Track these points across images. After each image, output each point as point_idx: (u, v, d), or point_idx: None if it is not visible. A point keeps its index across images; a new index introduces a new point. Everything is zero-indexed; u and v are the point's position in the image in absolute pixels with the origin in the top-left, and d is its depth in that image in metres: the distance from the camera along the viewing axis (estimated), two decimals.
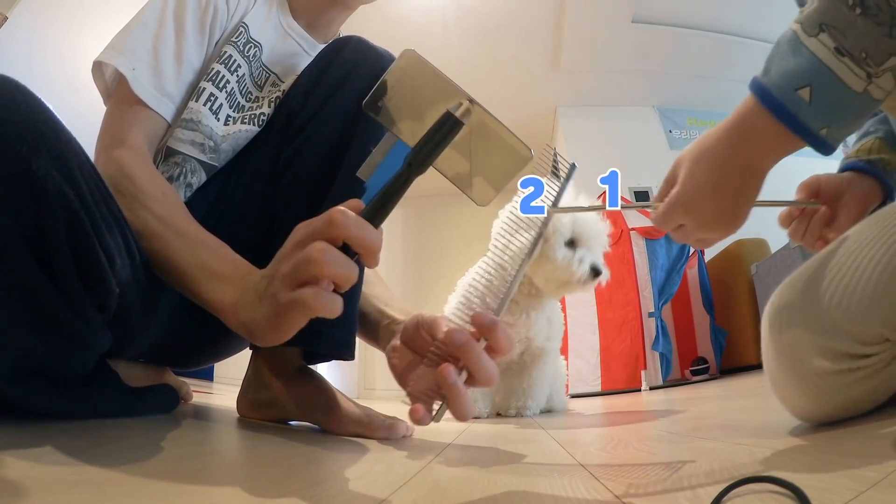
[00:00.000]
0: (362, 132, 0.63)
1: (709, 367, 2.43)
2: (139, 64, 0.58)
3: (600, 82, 3.68)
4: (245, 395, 0.71)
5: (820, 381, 0.44)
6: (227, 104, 0.66)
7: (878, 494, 0.26)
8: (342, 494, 0.33)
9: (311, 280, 0.33)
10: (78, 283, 0.37)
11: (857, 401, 0.45)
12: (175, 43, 0.61)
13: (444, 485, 0.36)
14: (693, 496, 0.30)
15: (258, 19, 0.69)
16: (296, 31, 0.74)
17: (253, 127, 0.68)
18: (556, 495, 0.33)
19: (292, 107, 0.67)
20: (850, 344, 0.43)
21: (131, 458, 0.36)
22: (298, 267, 0.34)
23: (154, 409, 0.61)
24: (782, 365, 0.47)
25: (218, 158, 0.65)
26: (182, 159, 0.63)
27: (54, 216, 0.34)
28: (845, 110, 0.41)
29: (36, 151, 0.33)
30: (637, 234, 2.45)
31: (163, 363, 0.78)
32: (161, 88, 0.60)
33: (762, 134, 0.43)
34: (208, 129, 0.64)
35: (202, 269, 0.45)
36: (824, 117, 0.40)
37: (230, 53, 0.66)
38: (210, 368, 2.73)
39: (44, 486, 0.27)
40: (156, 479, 0.31)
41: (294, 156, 0.65)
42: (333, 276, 0.33)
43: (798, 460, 0.37)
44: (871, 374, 0.44)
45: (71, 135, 0.38)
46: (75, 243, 0.36)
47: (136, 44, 0.59)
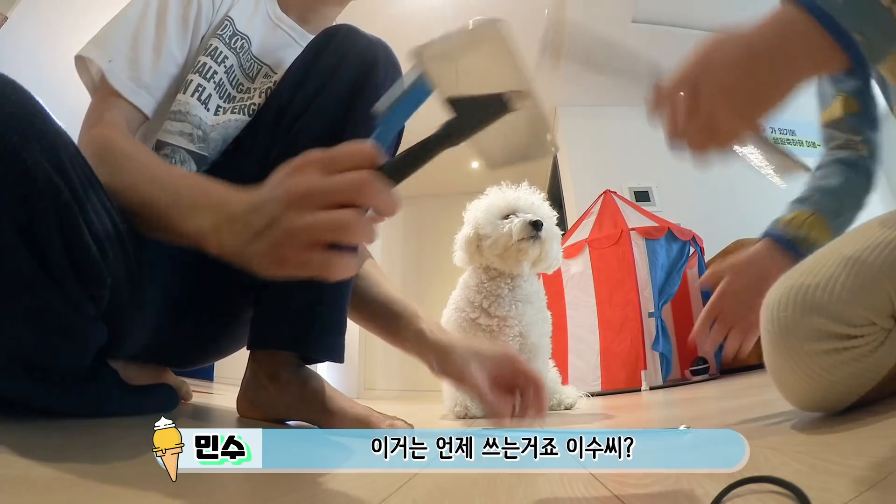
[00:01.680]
0: (354, 125, 0.62)
1: (709, 367, 2.42)
2: (116, 56, 0.58)
3: (600, 82, 3.67)
4: (245, 396, 0.71)
5: (811, 361, 0.47)
6: (217, 94, 0.67)
7: (878, 494, 0.26)
8: (342, 494, 0.33)
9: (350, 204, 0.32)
10: (70, 273, 0.37)
11: (848, 383, 0.47)
12: (155, 36, 0.61)
13: (444, 485, 0.36)
14: (693, 496, 0.30)
15: (245, 12, 0.70)
16: (285, 23, 0.74)
17: (243, 116, 0.67)
18: (556, 495, 0.33)
19: (282, 100, 0.66)
20: (838, 325, 0.46)
21: (132, 458, 0.36)
22: (337, 189, 0.32)
23: (154, 409, 0.61)
24: (777, 348, 0.50)
25: (207, 148, 0.66)
26: (171, 150, 0.63)
27: (45, 206, 0.34)
28: (876, 23, 0.38)
29: (25, 141, 0.33)
30: (637, 234, 2.45)
31: (160, 363, 0.78)
32: (137, 80, 0.60)
33: (794, 34, 0.39)
34: (197, 118, 0.64)
35: (177, 205, 0.44)
36: (857, 20, 0.38)
37: (216, 45, 0.66)
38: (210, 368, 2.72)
39: (44, 486, 0.27)
40: (156, 480, 0.31)
41: (286, 149, 0.63)
42: (379, 205, 0.32)
43: (798, 460, 0.37)
44: (859, 357, 0.46)
45: (60, 126, 0.38)
46: (66, 233, 0.36)
47: (115, 37, 0.59)
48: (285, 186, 0.34)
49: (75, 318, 0.37)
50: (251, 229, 0.36)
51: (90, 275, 0.38)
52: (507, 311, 1.17)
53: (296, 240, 0.33)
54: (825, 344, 0.47)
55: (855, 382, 0.47)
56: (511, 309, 1.17)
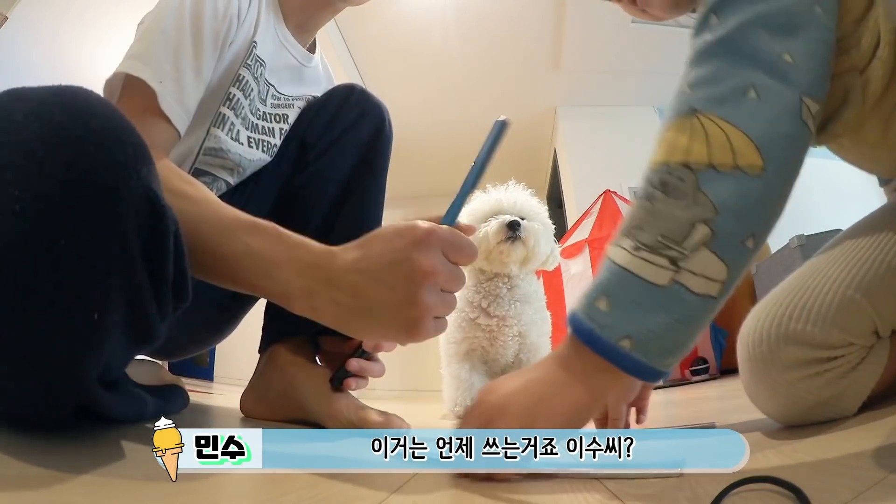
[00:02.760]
0: (372, 166, 0.76)
1: (709, 367, 2.43)
2: (165, 78, 0.56)
3: (600, 82, 3.68)
4: (253, 391, 0.72)
5: (792, 388, 0.47)
6: (243, 126, 0.70)
7: (878, 494, 0.26)
8: (342, 494, 0.33)
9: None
10: (171, 287, 0.36)
11: (833, 402, 0.47)
12: (194, 57, 0.60)
13: (444, 485, 0.36)
14: (693, 496, 0.30)
15: (265, 36, 0.70)
16: (290, 43, 0.75)
17: (266, 157, 0.74)
18: (556, 494, 0.33)
19: (307, 139, 0.76)
20: (816, 351, 0.46)
21: (132, 458, 0.36)
22: (457, 283, 0.40)
23: (176, 409, 0.61)
24: (756, 379, 0.50)
25: (238, 179, 0.72)
26: (211, 179, 0.68)
27: (167, 232, 0.34)
28: (653, 311, 0.34)
29: (150, 172, 0.32)
30: None
31: (153, 354, 0.79)
32: (182, 104, 0.58)
33: (574, 362, 0.37)
34: (237, 155, 0.69)
35: (251, 257, 0.42)
36: (624, 325, 0.34)
37: (246, 78, 0.67)
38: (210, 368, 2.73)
39: (44, 486, 0.27)
40: (156, 480, 0.31)
41: (313, 177, 0.75)
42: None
43: (798, 460, 0.37)
44: (841, 375, 0.46)
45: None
46: (178, 253, 0.35)
47: (159, 54, 0.57)
48: (419, 263, 0.38)
49: (159, 329, 0.37)
50: (362, 297, 0.39)
51: (184, 292, 0.38)
52: (505, 310, 1.17)
53: (434, 313, 0.39)
54: (805, 370, 0.46)
55: (838, 402, 0.47)
56: (510, 308, 1.17)
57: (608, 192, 2.84)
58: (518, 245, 1.12)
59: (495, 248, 1.12)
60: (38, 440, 0.35)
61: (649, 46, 3.37)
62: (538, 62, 3.49)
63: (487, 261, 1.16)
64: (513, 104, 3.72)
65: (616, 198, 2.80)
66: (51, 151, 0.28)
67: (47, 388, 0.32)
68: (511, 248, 1.12)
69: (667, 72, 3.63)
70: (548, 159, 4.33)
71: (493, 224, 1.13)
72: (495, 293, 1.18)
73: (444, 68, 3.44)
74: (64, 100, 0.30)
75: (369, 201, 0.76)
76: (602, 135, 3.73)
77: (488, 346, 1.19)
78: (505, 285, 1.19)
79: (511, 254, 1.13)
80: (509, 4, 3.04)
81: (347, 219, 0.74)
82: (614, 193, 2.83)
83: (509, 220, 1.12)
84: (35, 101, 0.30)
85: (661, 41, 3.36)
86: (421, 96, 3.51)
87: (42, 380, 0.32)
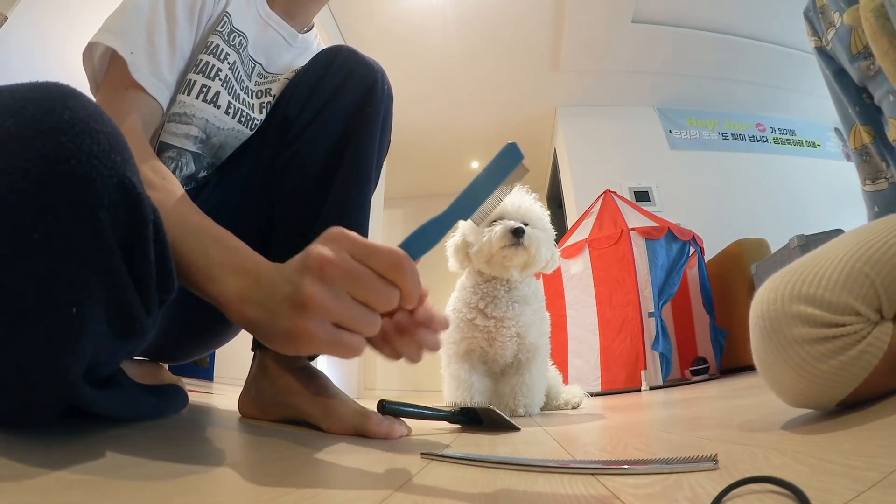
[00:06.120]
0: (359, 138, 0.67)
1: (709, 367, 2.43)
2: (136, 49, 0.57)
3: (600, 82, 3.68)
4: (248, 394, 0.71)
5: (798, 349, 0.50)
6: (226, 91, 0.66)
7: (878, 494, 0.26)
8: (342, 494, 0.33)
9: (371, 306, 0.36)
10: (154, 281, 0.36)
11: (834, 375, 0.49)
12: (167, 30, 0.60)
13: (444, 485, 0.36)
14: (693, 496, 0.30)
15: (240, 9, 0.69)
16: (274, 21, 0.74)
17: (245, 129, 0.69)
18: (556, 494, 0.33)
19: (289, 112, 0.69)
20: (824, 313, 0.49)
21: (131, 459, 0.36)
22: (372, 290, 0.36)
23: (172, 410, 0.61)
24: (765, 340, 0.52)
25: (205, 148, 0.66)
26: (177, 153, 0.64)
27: (145, 221, 0.34)
28: None
29: (125, 161, 0.33)
30: (637, 234, 2.45)
31: (155, 358, 0.78)
32: (157, 74, 0.59)
33: None
34: (203, 121, 0.64)
35: (205, 258, 0.43)
36: None
37: (217, 43, 0.66)
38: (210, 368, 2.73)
39: (43, 486, 0.27)
40: (156, 480, 0.31)
41: (294, 157, 0.68)
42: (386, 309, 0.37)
43: (798, 460, 0.37)
44: (844, 347, 0.48)
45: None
46: (159, 245, 0.36)
47: (130, 28, 0.57)
48: (312, 253, 0.36)
49: (148, 324, 0.37)
50: (274, 298, 0.37)
51: (168, 283, 0.38)
52: (504, 311, 1.17)
53: (325, 315, 0.35)
54: (813, 332, 0.49)
55: (841, 375, 0.48)
56: (508, 310, 1.17)
57: (608, 192, 2.84)
58: (521, 251, 1.13)
59: (498, 252, 1.13)
60: (36, 440, 0.35)
61: (649, 46, 3.37)
62: (538, 62, 3.50)
63: (489, 265, 1.16)
64: (513, 104, 3.72)
65: (616, 198, 2.80)
66: (24, 145, 0.28)
67: (26, 385, 0.32)
68: (514, 253, 1.12)
69: (667, 72, 3.65)
70: (548, 159, 4.33)
71: (498, 229, 1.13)
72: (493, 295, 1.18)
73: (445, 69, 3.44)
74: (38, 94, 0.30)
75: (351, 189, 0.67)
76: (602, 135, 3.73)
77: (487, 346, 1.19)
78: (503, 287, 1.19)
79: (513, 259, 1.13)
80: (509, 5, 3.04)
81: (330, 210, 0.67)
82: (614, 193, 2.83)
83: (514, 226, 1.12)
84: (9, 97, 0.30)
85: (661, 41, 3.36)
86: (421, 96, 3.52)
87: (20, 376, 0.31)
